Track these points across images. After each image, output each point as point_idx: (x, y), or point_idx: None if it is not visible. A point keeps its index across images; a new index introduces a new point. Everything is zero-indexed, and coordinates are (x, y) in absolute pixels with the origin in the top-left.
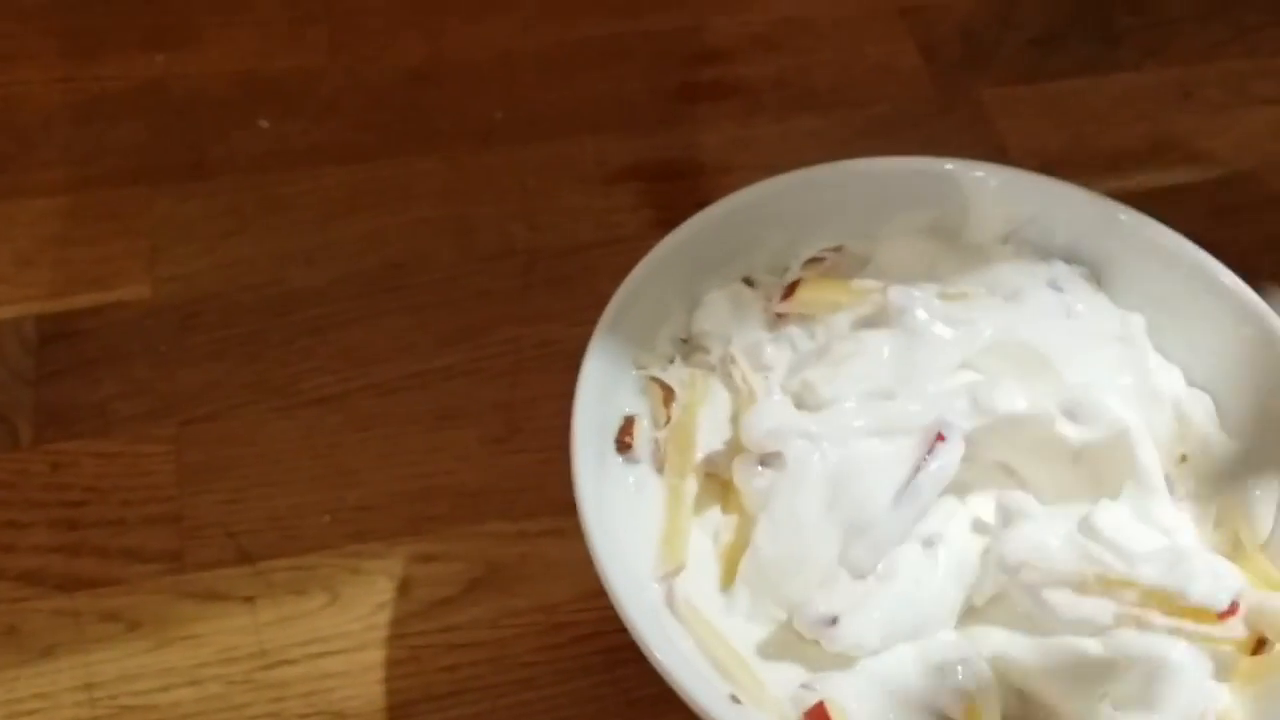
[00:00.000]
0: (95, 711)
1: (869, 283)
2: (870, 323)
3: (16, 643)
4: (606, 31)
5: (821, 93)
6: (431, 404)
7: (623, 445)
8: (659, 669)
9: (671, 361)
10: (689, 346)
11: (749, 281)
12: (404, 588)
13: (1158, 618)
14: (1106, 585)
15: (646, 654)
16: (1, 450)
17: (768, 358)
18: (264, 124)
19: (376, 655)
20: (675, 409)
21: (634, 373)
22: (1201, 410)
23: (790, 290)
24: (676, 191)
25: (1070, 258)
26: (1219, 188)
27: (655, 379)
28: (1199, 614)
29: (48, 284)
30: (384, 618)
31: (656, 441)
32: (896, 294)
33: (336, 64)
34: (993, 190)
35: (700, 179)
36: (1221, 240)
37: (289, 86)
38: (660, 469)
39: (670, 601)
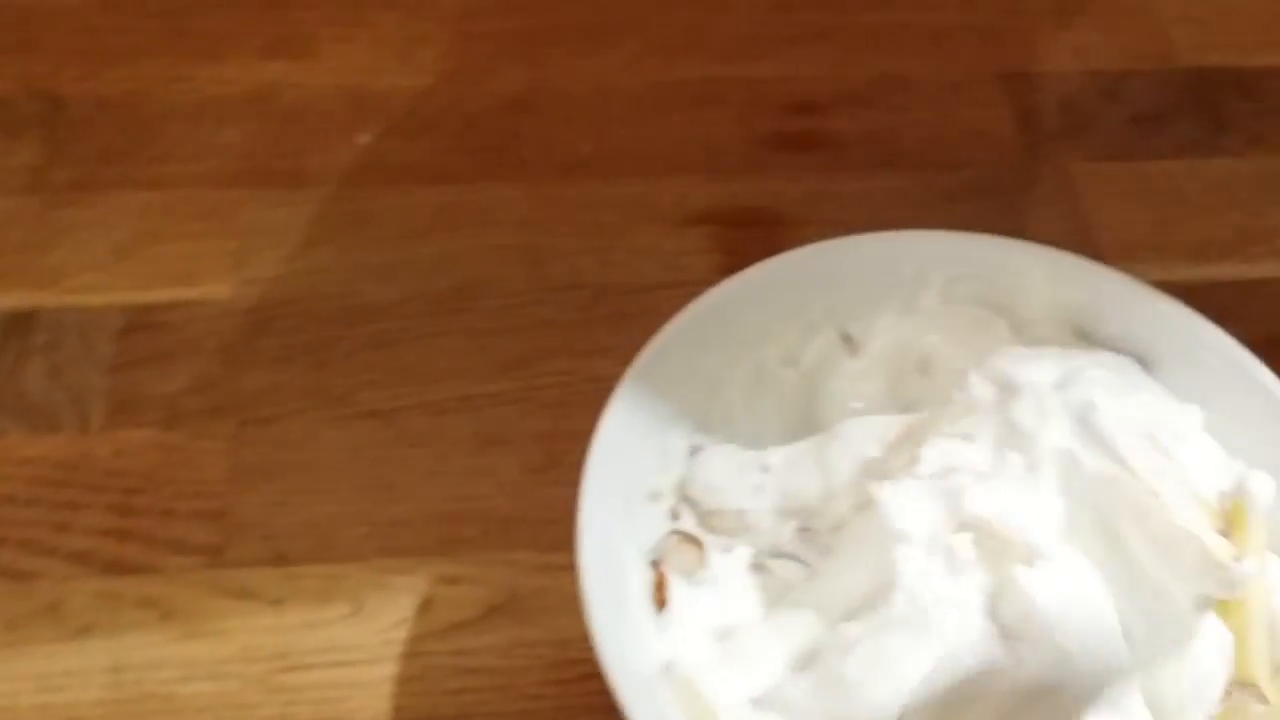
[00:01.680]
0: (120, 694)
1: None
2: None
3: (57, 619)
4: (704, 75)
5: (909, 152)
6: (478, 428)
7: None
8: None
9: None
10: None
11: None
12: (425, 606)
13: None
14: None
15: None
16: (71, 433)
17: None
18: (364, 139)
19: (389, 670)
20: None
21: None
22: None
23: None
24: (749, 239)
25: (1121, 347)
26: None
27: (680, 533)
28: None
29: (137, 276)
30: (401, 634)
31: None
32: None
33: (441, 86)
34: (1042, 274)
35: (775, 228)
36: None
37: (393, 104)
38: None
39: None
